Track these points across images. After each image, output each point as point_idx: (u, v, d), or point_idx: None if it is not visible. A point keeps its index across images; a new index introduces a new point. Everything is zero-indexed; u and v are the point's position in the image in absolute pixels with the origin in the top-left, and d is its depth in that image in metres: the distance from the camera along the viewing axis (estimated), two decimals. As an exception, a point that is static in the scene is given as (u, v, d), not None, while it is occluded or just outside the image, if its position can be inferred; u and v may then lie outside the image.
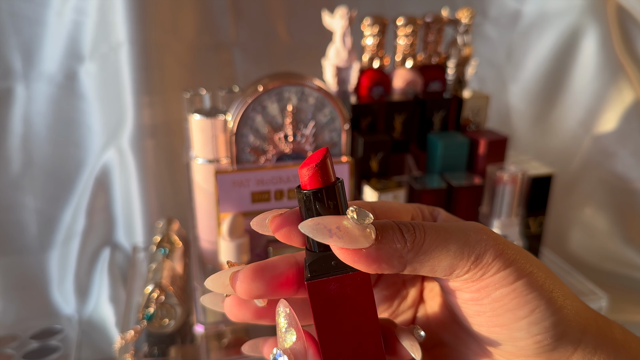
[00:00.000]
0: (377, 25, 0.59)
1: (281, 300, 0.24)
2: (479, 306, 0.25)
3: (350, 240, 0.22)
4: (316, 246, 0.24)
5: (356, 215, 0.22)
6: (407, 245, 0.23)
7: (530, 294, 0.24)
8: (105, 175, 0.74)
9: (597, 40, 0.84)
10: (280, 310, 0.24)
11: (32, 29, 0.69)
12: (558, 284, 0.25)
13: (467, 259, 0.23)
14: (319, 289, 0.23)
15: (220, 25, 0.75)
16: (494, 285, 0.24)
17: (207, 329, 0.53)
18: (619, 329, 0.27)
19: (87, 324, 0.73)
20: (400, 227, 0.23)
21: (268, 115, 0.51)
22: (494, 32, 0.88)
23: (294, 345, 0.24)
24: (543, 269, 0.25)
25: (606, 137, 0.87)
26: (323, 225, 0.22)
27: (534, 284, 0.24)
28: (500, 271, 0.24)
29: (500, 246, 0.24)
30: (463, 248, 0.23)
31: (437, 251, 0.23)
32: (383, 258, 0.22)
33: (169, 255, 0.59)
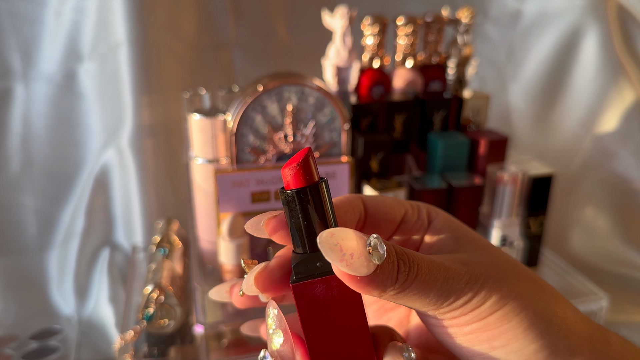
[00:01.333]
0: (377, 24, 0.59)
1: (270, 301, 0.24)
2: (453, 339, 0.25)
3: (354, 270, 0.22)
4: (301, 246, 0.23)
5: (373, 250, 0.22)
6: (394, 287, 0.23)
7: (505, 325, 0.24)
8: (104, 175, 0.74)
9: (597, 40, 0.84)
10: (269, 312, 0.24)
11: (31, 28, 0.68)
12: (548, 302, 0.25)
13: (438, 305, 0.24)
14: (304, 290, 0.23)
15: (220, 25, 0.75)
16: (465, 323, 0.24)
17: (207, 329, 0.53)
18: (617, 344, 0.26)
19: (87, 324, 0.73)
20: (398, 264, 0.23)
21: (268, 115, 0.51)
22: (494, 32, 0.88)
23: (281, 348, 0.23)
24: (531, 288, 0.25)
25: (607, 137, 0.87)
26: (340, 248, 0.22)
27: (510, 313, 0.24)
28: (473, 310, 0.24)
29: (477, 289, 0.24)
30: (439, 297, 0.23)
31: (414, 297, 0.23)
32: (369, 288, 0.22)
33: (169, 255, 0.59)
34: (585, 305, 0.58)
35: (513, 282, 0.25)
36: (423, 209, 0.29)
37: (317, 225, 0.23)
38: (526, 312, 0.24)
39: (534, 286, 0.25)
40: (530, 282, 0.26)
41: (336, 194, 0.54)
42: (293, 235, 0.24)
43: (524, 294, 0.24)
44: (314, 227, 0.23)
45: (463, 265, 0.25)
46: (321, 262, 0.23)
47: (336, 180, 0.53)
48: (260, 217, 0.25)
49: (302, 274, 0.23)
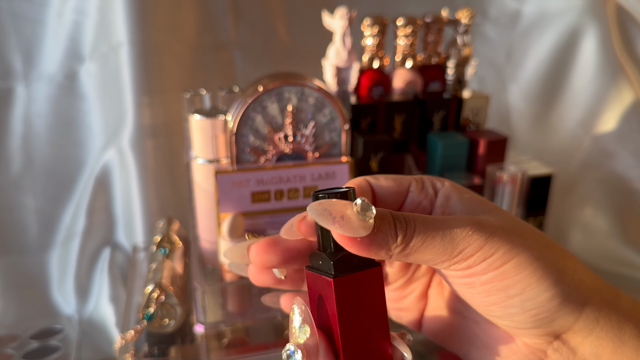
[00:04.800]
0: (377, 25, 0.59)
1: (297, 298, 0.26)
2: (471, 288, 0.26)
3: (350, 230, 0.23)
4: (332, 246, 0.25)
5: (360, 209, 0.23)
6: (397, 242, 0.24)
7: (520, 274, 0.25)
8: (105, 175, 0.74)
9: (596, 41, 0.84)
10: (295, 307, 0.25)
11: (32, 29, 0.69)
12: (559, 256, 0.26)
13: (449, 255, 0.25)
14: (343, 285, 0.24)
15: (220, 25, 0.75)
16: (482, 271, 0.25)
17: (207, 329, 0.53)
18: (628, 300, 0.27)
19: (87, 323, 0.73)
20: (395, 222, 0.25)
21: (268, 116, 0.51)
22: (493, 32, 0.88)
23: (308, 341, 0.24)
24: (541, 243, 0.26)
25: (606, 137, 0.87)
26: (329, 212, 0.23)
27: (524, 263, 0.25)
28: (486, 259, 0.25)
29: (486, 237, 0.25)
30: (446, 246, 0.25)
31: (421, 248, 0.25)
32: (374, 248, 0.24)
33: (169, 255, 0.59)
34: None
35: (523, 236, 0.26)
36: (427, 180, 0.30)
37: None
38: (539, 263, 0.25)
39: (544, 242, 0.27)
40: (540, 238, 0.27)
41: (336, 194, 0.54)
42: (324, 237, 0.25)
43: (535, 246, 0.26)
44: None
45: (471, 217, 0.26)
46: (357, 258, 0.25)
47: (336, 180, 0.53)
48: (291, 221, 0.27)
49: (343, 270, 0.25)
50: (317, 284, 0.26)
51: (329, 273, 0.25)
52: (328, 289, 0.25)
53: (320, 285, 0.25)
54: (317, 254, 0.25)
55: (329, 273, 0.25)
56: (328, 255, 0.25)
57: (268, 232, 0.54)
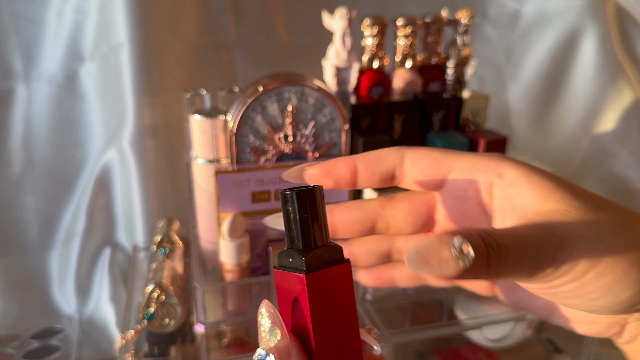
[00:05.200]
0: (377, 25, 0.59)
1: (264, 301, 0.25)
2: (551, 295, 0.26)
3: (445, 273, 0.22)
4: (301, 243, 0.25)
5: (459, 253, 0.22)
6: (489, 272, 0.23)
7: (600, 281, 0.25)
8: (105, 175, 0.75)
9: (596, 41, 0.85)
10: (263, 311, 0.25)
11: (32, 29, 0.69)
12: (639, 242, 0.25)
13: (533, 275, 0.24)
14: (315, 281, 0.24)
15: (221, 25, 0.75)
16: (561, 284, 0.25)
17: (208, 329, 0.53)
18: None
19: (88, 323, 0.73)
20: (488, 253, 0.23)
21: (268, 116, 0.51)
22: (493, 33, 0.88)
23: (279, 344, 0.24)
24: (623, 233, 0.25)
25: (605, 137, 0.87)
26: (428, 262, 0.22)
27: (606, 269, 0.25)
28: (569, 272, 0.25)
29: (567, 254, 0.24)
30: (532, 269, 0.24)
31: (509, 273, 0.24)
32: (463, 278, 0.24)
33: (170, 255, 0.59)
34: (584, 305, 0.58)
35: (603, 234, 0.25)
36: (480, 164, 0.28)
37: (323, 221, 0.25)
38: (620, 265, 0.25)
39: (624, 228, 0.26)
40: (620, 224, 0.26)
41: (336, 194, 0.54)
42: (295, 232, 0.25)
43: (615, 245, 0.25)
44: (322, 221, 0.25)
45: (550, 232, 0.25)
46: (327, 254, 0.25)
47: (336, 180, 0.53)
48: (297, 170, 0.29)
49: (314, 266, 0.24)
50: (287, 283, 0.25)
51: (300, 270, 0.24)
52: (300, 286, 0.24)
53: (291, 284, 0.25)
54: (286, 251, 0.25)
55: (300, 270, 0.24)
56: (298, 252, 0.25)
57: (268, 232, 0.54)
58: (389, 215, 0.31)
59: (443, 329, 0.56)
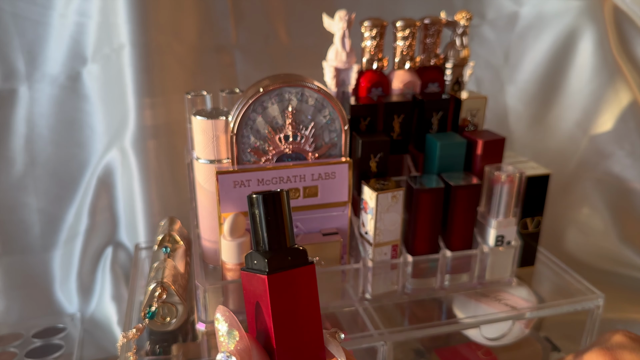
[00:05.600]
0: (376, 27, 0.60)
1: (219, 306, 0.25)
2: None
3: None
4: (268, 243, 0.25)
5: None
6: None
7: None
8: (107, 175, 0.75)
9: (594, 42, 0.85)
10: (219, 316, 0.25)
11: (35, 30, 0.69)
12: None
13: None
14: (277, 282, 0.25)
15: (221, 27, 0.76)
16: None
17: (209, 327, 0.53)
18: None
19: (90, 322, 0.73)
20: None
21: (268, 116, 0.52)
22: (491, 34, 0.89)
23: (238, 345, 0.24)
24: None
25: (603, 137, 0.88)
26: None
27: None
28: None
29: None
30: None
31: None
32: None
33: (171, 254, 0.60)
34: (582, 304, 0.59)
35: None
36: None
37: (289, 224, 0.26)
38: None
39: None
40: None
41: (336, 194, 0.55)
42: (260, 234, 0.26)
43: None
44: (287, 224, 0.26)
45: None
46: (291, 256, 0.25)
47: (336, 181, 0.54)
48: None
49: (277, 267, 0.25)
50: (252, 284, 0.26)
51: (263, 271, 0.25)
52: (262, 287, 0.25)
53: (255, 285, 0.25)
54: (252, 253, 0.26)
55: (263, 271, 0.25)
56: (262, 254, 0.25)
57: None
58: None
59: (441, 327, 0.56)
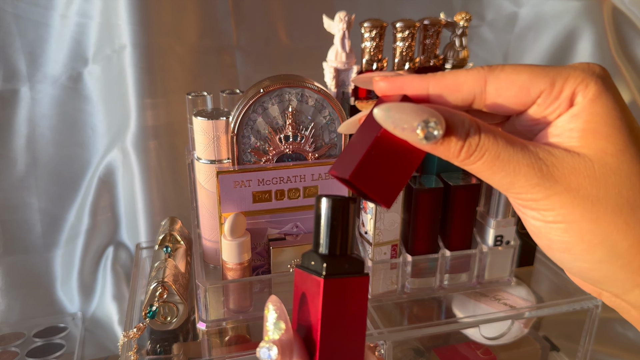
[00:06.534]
0: (376, 28, 0.60)
1: (272, 296, 0.26)
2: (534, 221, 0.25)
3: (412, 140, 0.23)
4: (327, 248, 0.26)
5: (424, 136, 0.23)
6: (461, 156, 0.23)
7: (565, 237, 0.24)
8: (109, 175, 0.75)
9: (593, 43, 0.85)
10: (270, 305, 0.25)
11: (36, 31, 0.70)
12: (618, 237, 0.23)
13: (507, 189, 0.24)
14: (331, 287, 0.25)
15: (222, 28, 0.76)
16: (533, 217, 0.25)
17: (209, 327, 0.54)
18: None
19: (91, 321, 0.74)
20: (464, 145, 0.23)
21: (269, 117, 0.52)
22: (490, 35, 0.89)
23: (283, 337, 0.25)
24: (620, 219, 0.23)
25: (602, 138, 0.88)
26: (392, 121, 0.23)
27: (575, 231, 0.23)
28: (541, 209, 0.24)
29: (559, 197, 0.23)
30: (510, 187, 0.24)
31: (480, 174, 0.24)
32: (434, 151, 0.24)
33: (172, 254, 0.60)
34: (581, 304, 0.59)
35: (601, 202, 0.23)
36: (568, 89, 0.24)
37: (351, 232, 0.26)
38: (590, 238, 0.23)
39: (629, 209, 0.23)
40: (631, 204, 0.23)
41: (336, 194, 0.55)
42: (322, 237, 0.26)
43: (604, 219, 0.23)
44: (350, 231, 0.26)
45: (547, 169, 0.23)
46: (348, 264, 0.26)
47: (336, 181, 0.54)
48: (354, 118, 0.27)
49: (333, 272, 0.25)
50: (305, 283, 0.26)
51: (319, 273, 0.25)
52: (316, 289, 0.25)
53: (308, 285, 0.26)
54: (310, 254, 0.26)
55: (319, 273, 0.25)
56: (320, 257, 0.26)
57: (269, 231, 0.55)
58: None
59: (441, 326, 0.56)
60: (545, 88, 0.24)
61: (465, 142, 0.23)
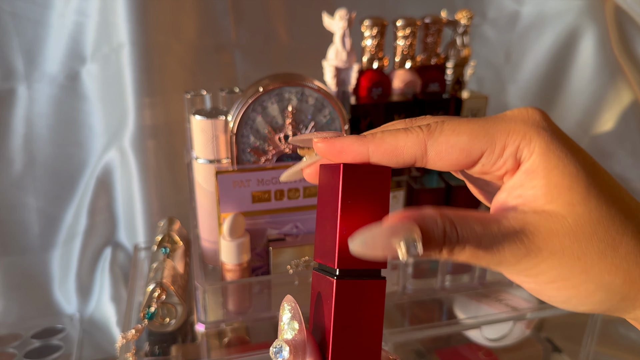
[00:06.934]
0: (377, 26, 0.60)
1: (287, 296, 0.26)
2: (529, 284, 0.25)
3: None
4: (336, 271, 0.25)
5: (405, 255, 0.22)
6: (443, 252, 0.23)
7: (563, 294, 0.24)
8: (106, 175, 0.75)
9: (595, 41, 0.85)
10: (285, 305, 0.26)
11: (34, 30, 0.69)
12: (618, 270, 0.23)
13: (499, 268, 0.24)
14: (345, 288, 0.25)
15: (221, 26, 0.76)
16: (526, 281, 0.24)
17: (208, 328, 0.53)
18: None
19: (89, 323, 0.73)
20: (444, 242, 0.22)
21: (268, 116, 0.52)
22: (492, 33, 0.89)
23: (296, 337, 0.25)
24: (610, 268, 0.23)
25: (604, 137, 0.88)
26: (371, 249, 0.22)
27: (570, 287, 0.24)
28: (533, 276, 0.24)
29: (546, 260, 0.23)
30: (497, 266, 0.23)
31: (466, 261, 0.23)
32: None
33: (170, 254, 0.60)
34: (583, 304, 0.59)
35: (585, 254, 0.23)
36: (510, 148, 0.24)
37: None
38: (586, 287, 0.24)
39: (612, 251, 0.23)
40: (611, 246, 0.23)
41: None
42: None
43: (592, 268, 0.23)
44: None
45: (526, 239, 0.23)
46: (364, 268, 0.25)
47: (336, 180, 0.54)
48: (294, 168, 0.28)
49: (347, 274, 0.25)
50: (320, 285, 0.26)
51: (333, 274, 0.25)
52: (330, 290, 0.25)
53: (322, 286, 0.26)
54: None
55: (333, 274, 0.25)
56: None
57: (268, 232, 0.54)
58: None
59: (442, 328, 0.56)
60: (486, 148, 0.24)
61: (445, 243, 0.23)
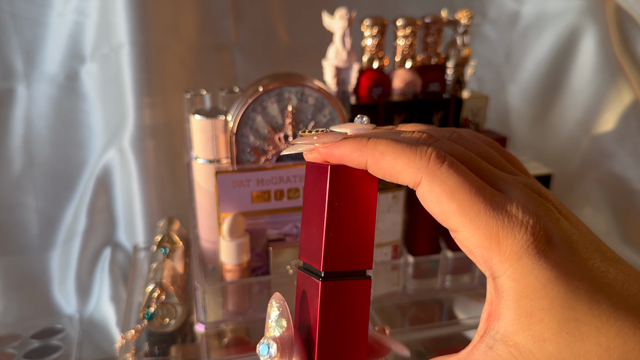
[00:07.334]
0: (377, 26, 0.59)
1: (276, 293, 0.26)
2: None
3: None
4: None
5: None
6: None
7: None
8: (106, 175, 0.75)
9: (595, 41, 0.85)
10: (274, 302, 0.26)
11: (33, 29, 0.69)
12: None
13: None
14: (330, 289, 0.25)
15: (221, 26, 0.75)
16: None
17: (208, 328, 0.53)
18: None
19: (88, 323, 0.73)
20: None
21: (268, 116, 0.52)
22: (493, 33, 0.88)
23: (284, 335, 0.25)
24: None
25: (605, 137, 0.88)
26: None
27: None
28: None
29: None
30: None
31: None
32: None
33: (170, 255, 0.60)
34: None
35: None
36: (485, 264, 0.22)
37: None
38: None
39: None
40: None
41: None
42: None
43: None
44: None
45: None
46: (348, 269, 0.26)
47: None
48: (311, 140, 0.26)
49: (332, 276, 0.25)
50: (305, 284, 0.26)
51: (319, 275, 0.25)
52: (315, 291, 0.25)
53: (308, 286, 0.26)
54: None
55: (319, 275, 0.25)
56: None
57: (268, 232, 0.54)
58: None
59: (443, 328, 0.56)
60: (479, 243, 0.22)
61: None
